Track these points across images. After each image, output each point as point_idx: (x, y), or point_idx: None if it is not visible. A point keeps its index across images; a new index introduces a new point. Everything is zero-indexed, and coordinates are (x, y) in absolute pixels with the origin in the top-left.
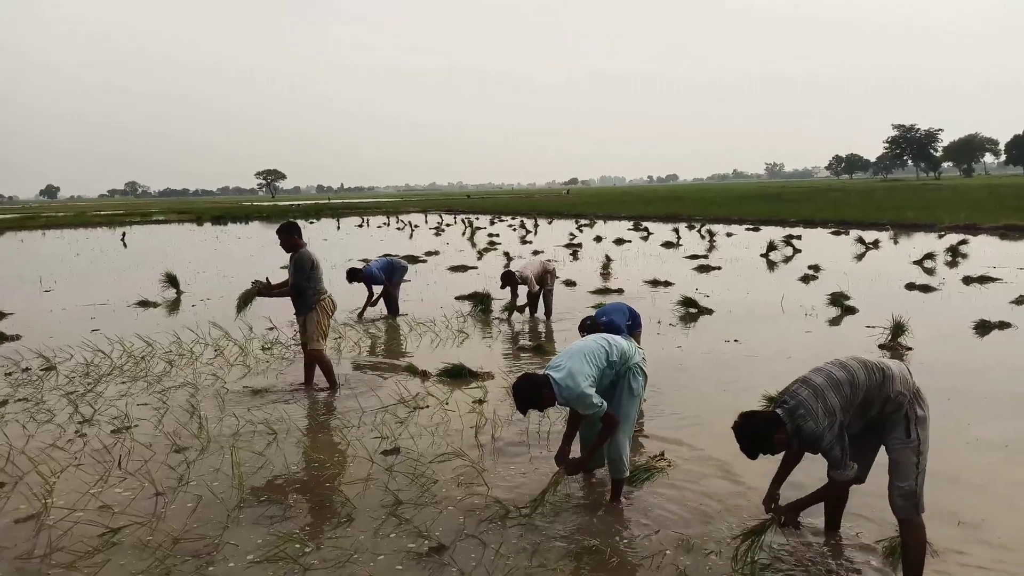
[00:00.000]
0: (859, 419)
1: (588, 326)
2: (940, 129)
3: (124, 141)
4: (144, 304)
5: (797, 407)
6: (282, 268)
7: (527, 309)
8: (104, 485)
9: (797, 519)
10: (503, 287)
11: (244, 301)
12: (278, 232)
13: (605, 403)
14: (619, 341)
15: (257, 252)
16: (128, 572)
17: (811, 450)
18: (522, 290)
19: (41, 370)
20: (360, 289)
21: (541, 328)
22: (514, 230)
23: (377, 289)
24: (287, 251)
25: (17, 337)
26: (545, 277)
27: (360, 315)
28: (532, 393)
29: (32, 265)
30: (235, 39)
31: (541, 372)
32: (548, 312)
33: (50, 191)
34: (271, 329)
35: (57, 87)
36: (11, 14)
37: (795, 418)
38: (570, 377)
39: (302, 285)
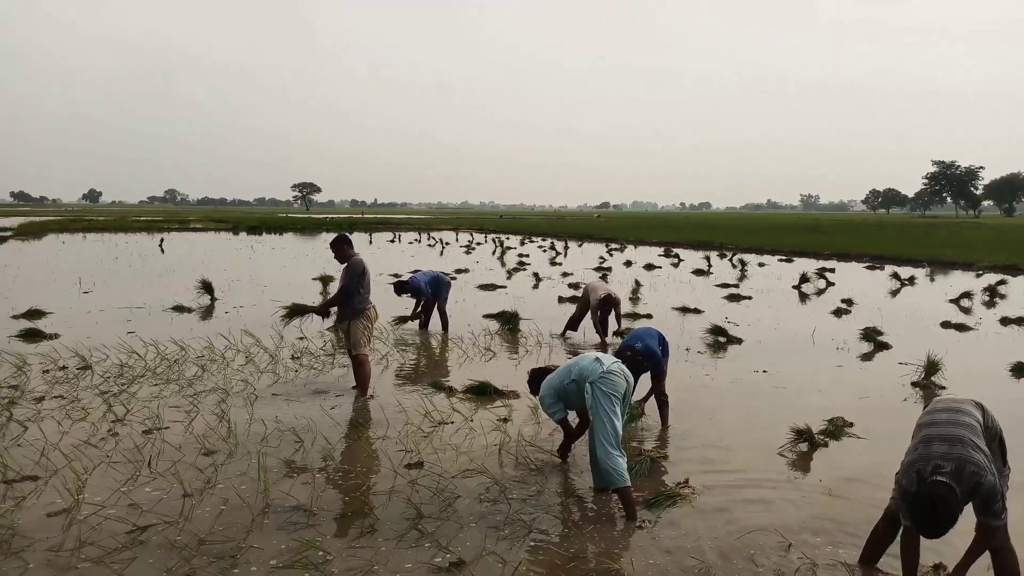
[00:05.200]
0: None
1: (627, 356)
2: (981, 167)
3: (165, 150)
4: (179, 309)
5: (963, 467)
6: (313, 280)
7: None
8: (134, 484)
9: None
10: (604, 314)
11: (297, 312)
12: (331, 246)
13: (559, 413)
14: (582, 361)
15: (290, 263)
16: (154, 570)
17: (979, 506)
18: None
19: (77, 369)
20: (401, 302)
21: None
22: (544, 251)
23: (419, 301)
24: (340, 262)
25: (56, 336)
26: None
27: (404, 320)
28: (533, 380)
29: (72, 266)
30: (275, 55)
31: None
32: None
33: (92, 195)
34: (301, 339)
35: (102, 96)
36: (54, 25)
37: (964, 479)
38: (543, 386)
39: (352, 289)
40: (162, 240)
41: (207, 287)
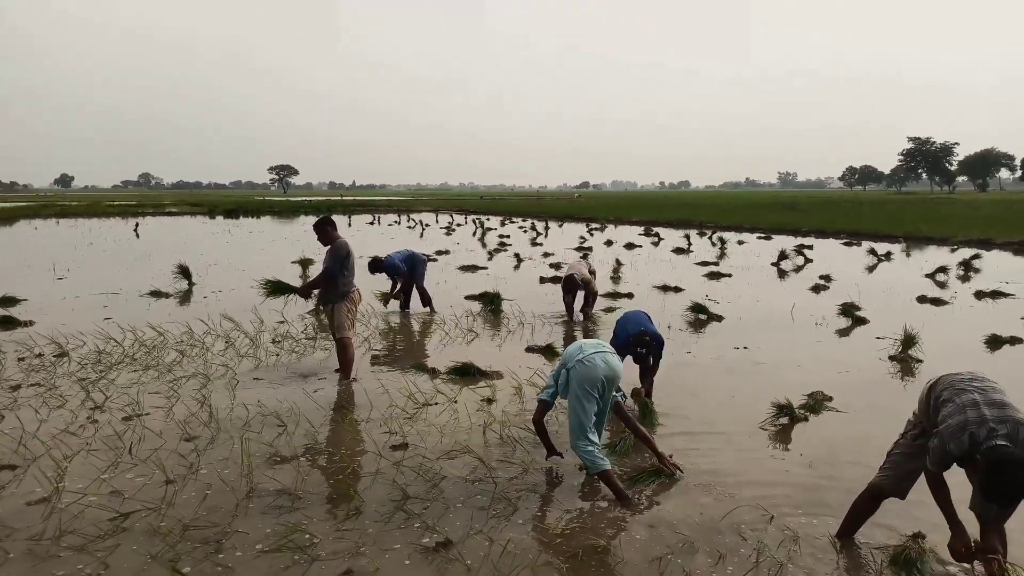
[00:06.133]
0: None
1: (646, 341)
2: (956, 143)
3: (139, 133)
4: (156, 294)
5: (1018, 428)
6: (293, 263)
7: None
8: (115, 471)
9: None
10: (566, 294)
11: (278, 290)
12: (315, 227)
13: (544, 393)
14: (574, 344)
15: (269, 246)
16: (138, 556)
17: None
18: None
19: (54, 356)
20: (380, 282)
21: (565, 329)
22: (524, 232)
23: (396, 282)
24: (324, 244)
25: (30, 323)
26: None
27: (386, 301)
28: None
29: (46, 252)
30: (251, 35)
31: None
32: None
33: (64, 180)
34: (282, 323)
35: (74, 79)
36: (28, 6)
37: (1020, 441)
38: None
39: (335, 271)
40: (137, 225)
41: (184, 272)
